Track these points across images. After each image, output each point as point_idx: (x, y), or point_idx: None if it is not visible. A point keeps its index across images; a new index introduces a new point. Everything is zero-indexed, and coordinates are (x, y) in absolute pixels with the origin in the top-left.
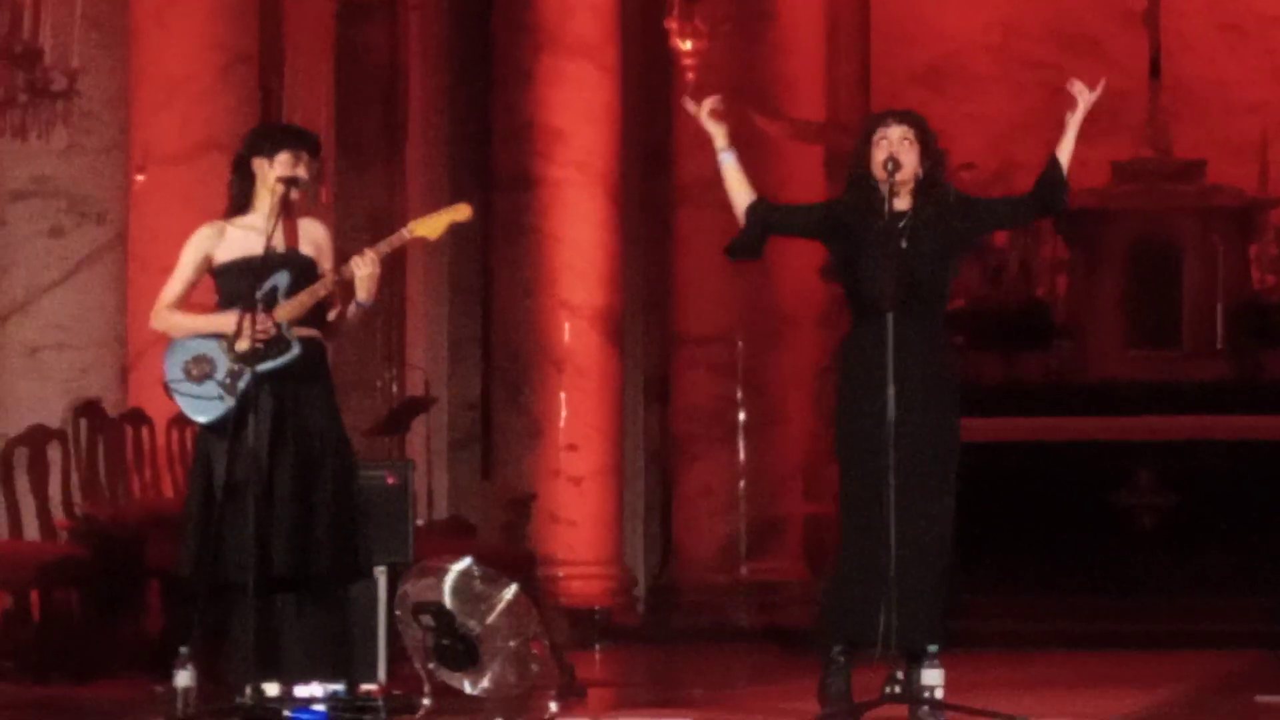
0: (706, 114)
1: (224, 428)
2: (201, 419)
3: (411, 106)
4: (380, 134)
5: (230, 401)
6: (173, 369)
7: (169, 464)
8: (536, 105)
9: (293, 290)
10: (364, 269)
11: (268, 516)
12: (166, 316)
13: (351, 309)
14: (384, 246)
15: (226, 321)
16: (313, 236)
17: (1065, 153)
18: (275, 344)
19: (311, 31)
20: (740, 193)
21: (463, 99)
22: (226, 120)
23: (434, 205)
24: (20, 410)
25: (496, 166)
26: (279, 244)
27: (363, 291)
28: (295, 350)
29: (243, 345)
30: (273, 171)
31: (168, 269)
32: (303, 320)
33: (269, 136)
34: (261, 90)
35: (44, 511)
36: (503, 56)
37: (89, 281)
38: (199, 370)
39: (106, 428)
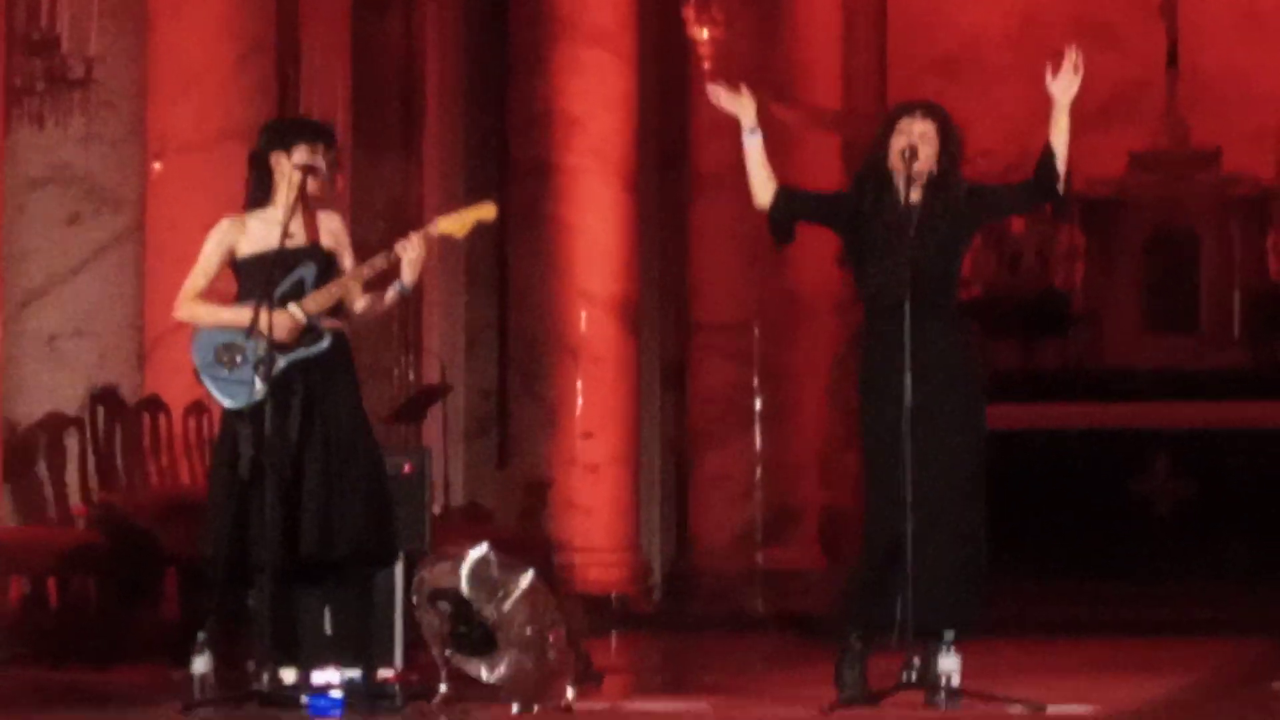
0: (726, 99)
1: (254, 413)
2: (234, 404)
3: (428, 95)
4: (397, 123)
5: (262, 387)
6: (203, 355)
7: (186, 451)
8: (553, 93)
9: (319, 283)
10: (412, 252)
11: (295, 501)
12: (191, 308)
13: (391, 294)
14: (415, 239)
15: (250, 314)
16: (331, 229)
17: (1059, 138)
18: (307, 333)
19: (328, 21)
20: (760, 177)
21: (479, 88)
22: (243, 109)
23: (451, 194)
24: (38, 397)
25: (513, 155)
26: (299, 236)
27: (409, 275)
28: (326, 341)
29: (274, 335)
30: (290, 163)
31: (185, 257)
32: (329, 311)
33: (285, 130)
34: (278, 80)
35: (61, 498)
36: (519, 45)
37: (106, 269)
38: (229, 357)
39: (124, 415)
